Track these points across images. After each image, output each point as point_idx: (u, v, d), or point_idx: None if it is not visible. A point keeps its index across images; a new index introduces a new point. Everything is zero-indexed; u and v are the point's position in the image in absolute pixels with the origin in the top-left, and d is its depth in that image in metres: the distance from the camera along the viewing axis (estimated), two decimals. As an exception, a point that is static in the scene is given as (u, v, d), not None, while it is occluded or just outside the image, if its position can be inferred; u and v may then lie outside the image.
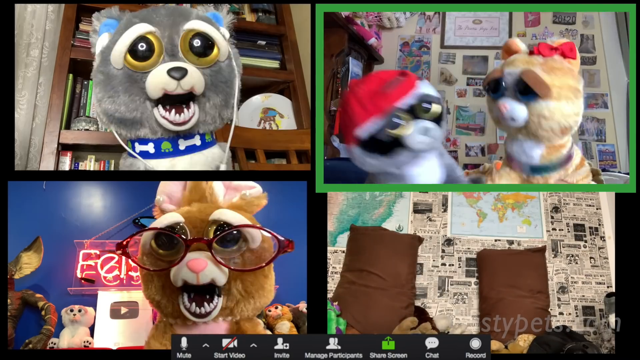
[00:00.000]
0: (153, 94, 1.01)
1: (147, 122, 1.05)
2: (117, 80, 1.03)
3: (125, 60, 1.01)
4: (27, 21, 1.92)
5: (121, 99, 1.03)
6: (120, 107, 1.03)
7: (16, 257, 1.35)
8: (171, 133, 1.07)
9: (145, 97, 1.02)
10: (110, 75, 1.03)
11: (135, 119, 1.04)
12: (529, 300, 1.47)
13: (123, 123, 1.05)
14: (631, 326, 0.95)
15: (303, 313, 1.41)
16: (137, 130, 1.06)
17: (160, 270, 0.82)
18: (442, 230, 1.73)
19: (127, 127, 1.06)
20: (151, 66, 1.01)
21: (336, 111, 1.07)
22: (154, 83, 1.00)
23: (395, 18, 2.82)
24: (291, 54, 2.27)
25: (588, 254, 1.65)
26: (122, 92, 1.02)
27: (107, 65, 1.04)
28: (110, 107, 1.04)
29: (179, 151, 1.09)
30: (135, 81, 1.02)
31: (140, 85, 1.01)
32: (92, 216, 1.51)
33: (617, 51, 2.63)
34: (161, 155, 1.09)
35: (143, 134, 1.07)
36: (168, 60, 1.02)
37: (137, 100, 1.03)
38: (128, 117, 1.04)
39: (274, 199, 1.77)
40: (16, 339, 1.24)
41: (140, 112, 1.04)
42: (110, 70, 1.03)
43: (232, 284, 0.83)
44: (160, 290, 0.84)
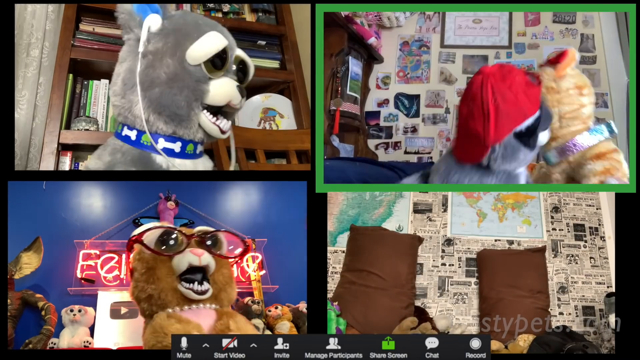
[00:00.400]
0: (217, 101, 1.09)
1: (193, 123, 1.10)
2: (187, 75, 1.06)
3: (205, 62, 1.06)
4: (27, 21, 1.92)
5: (184, 95, 1.06)
6: (181, 102, 1.06)
7: (16, 257, 1.35)
8: (201, 138, 1.15)
9: (201, 101, 1.08)
10: (185, 69, 1.06)
11: (187, 117, 1.08)
12: (529, 300, 1.47)
13: (172, 117, 1.08)
14: (631, 326, 0.95)
15: (303, 313, 1.41)
16: (181, 127, 1.10)
17: (167, 255, 1.05)
18: (442, 230, 1.73)
19: (173, 122, 1.09)
20: (216, 75, 1.09)
21: (336, 110, 1.08)
22: (224, 93, 1.09)
23: (395, 17, 2.82)
24: (291, 54, 2.27)
25: (588, 254, 1.65)
26: (188, 89, 1.06)
27: (176, 55, 1.06)
28: (168, 97, 1.06)
29: (196, 154, 1.18)
30: (201, 82, 1.07)
31: (203, 87, 1.07)
32: (92, 216, 1.51)
33: (617, 51, 2.63)
34: (185, 155, 1.14)
35: (181, 133, 1.11)
36: (228, 76, 1.12)
37: (196, 101, 1.08)
38: (182, 113, 1.07)
39: (274, 199, 1.77)
40: (16, 339, 1.24)
41: (194, 113, 1.09)
42: (184, 64, 1.06)
43: (216, 274, 1.09)
44: (159, 282, 1.03)
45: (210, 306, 1.06)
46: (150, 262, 1.05)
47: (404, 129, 2.86)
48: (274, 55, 2.30)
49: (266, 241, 1.55)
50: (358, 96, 2.54)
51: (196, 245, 1.09)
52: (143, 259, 1.06)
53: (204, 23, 1.13)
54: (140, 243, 1.06)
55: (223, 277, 1.11)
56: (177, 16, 1.14)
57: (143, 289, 1.04)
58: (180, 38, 1.07)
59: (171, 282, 1.04)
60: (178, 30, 1.08)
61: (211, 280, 1.08)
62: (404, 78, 2.90)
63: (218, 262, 1.10)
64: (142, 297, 1.04)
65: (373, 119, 2.90)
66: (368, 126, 2.86)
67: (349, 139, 2.69)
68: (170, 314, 1.01)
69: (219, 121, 1.12)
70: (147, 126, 1.09)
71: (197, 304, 1.05)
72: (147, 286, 1.04)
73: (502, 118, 1.00)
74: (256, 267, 1.50)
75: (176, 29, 1.09)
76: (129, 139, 1.13)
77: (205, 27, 1.11)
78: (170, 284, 1.04)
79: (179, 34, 1.08)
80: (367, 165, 1.64)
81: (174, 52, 1.06)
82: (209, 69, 1.07)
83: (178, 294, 1.03)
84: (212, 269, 1.08)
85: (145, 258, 1.06)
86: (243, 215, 1.59)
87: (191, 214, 1.55)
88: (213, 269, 1.08)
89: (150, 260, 1.05)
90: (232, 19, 2.31)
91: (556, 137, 1.19)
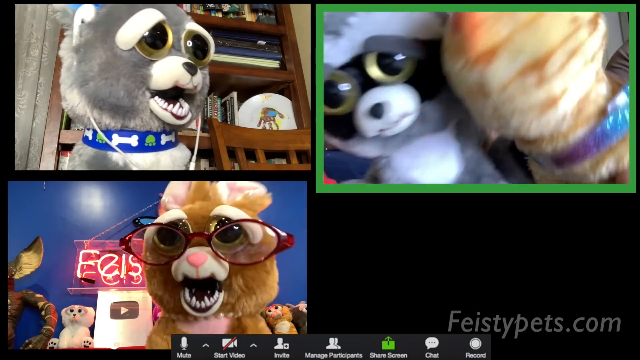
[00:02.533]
0: (162, 84, 0.95)
1: (143, 112, 0.98)
2: (122, 62, 0.94)
3: (138, 44, 0.93)
4: (27, 21, 1.93)
5: (122, 83, 0.94)
6: (119, 92, 0.94)
7: (16, 257, 1.35)
8: (160, 127, 1.02)
9: (146, 86, 0.96)
10: (117, 55, 0.94)
11: (132, 107, 0.96)
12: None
13: (115, 110, 0.96)
14: (631, 326, 0.95)
15: (303, 313, 1.41)
16: (129, 119, 0.98)
17: (161, 264, 0.83)
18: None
19: (118, 115, 0.97)
20: (159, 56, 0.95)
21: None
22: (169, 73, 0.94)
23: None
24: (291, 54, 2.27)
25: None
26: (125, 76, 0.94)
27: (107, 43, 0.94)
28: (105, 90, 0.94)
29: (161, 146, 1.04)
30: (139, 67, 0.94)
31: (143, 72, 0.95)
32: (92, 216, 1.51)
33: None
34: (145, 149, 1.02)
35: (132, 125, 0.99)
36: (175, 54, 0.98)
37: (139, 88, 0.95)
38: (125, 104, 0.95)
39: (274, 199, 1.78)
40: (16, 339, 1.24)
41: (139, 101, 0.96)
42: (115, 51, 0.94)
43: (232, 279, 0.83)
44: (162, 286, 0.85)
45: (222, 315, 0.87)
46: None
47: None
48: (274, 55, 2.30)
49: (266, 241, 1.54)
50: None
51: (206, 243, 0.81)
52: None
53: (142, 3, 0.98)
54: (127, 250, 0.86)
55: (245, 281, 0.85)
56: (110, 5, 1.00)
57: (152, 291, 0.90)
58: (110, 23, 0.95)
59: (176, 293, 0.84)
60: (109, 15, 0.96)
61: (225, 287, 0.84)
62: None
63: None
64: (154, 295, 0.89)
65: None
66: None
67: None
68: (173, 322, 0.89)
69: (172, 106, 0.98)
70: (94, 123, 0.98)
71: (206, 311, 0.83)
72: (154, 288, 0.89)
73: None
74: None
75: (107, 14, 0.96)
76: (87, 139, 1.05)
77: (139, 6, 0.96)
78: (173, 289, 0.84)
79: (110, 19, 0.95)
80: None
81: (104, 39, 0.94)
82: (146, 50, 0.94)
83: (181, 304, 0.84)
84: (224, 276, 0.82)
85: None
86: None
87: (191, 214, 1.54)
88: (225, 276, 0.82)
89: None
90: (232, 19, 2.31)
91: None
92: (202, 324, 0.87)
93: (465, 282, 1.00)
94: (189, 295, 0.81)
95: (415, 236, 1.01)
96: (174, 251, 0.82)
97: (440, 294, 1.00)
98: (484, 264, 0.99)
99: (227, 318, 0.87)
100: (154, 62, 0.95)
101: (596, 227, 1.01)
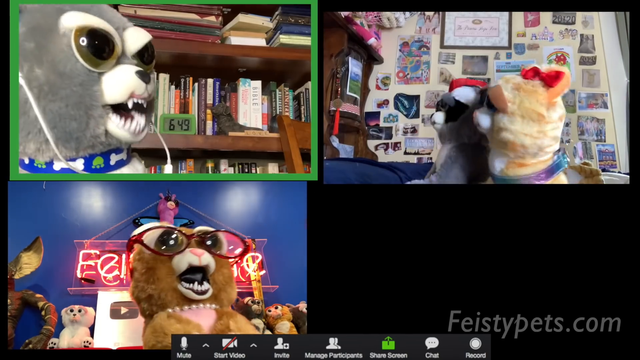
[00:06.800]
0: (117, 98, 0.83)
1: (99, 137, 0.85)
2: (66, 81, 0.80)
3: (82, 56, 0.80)
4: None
5: (71, 114, 0.81)
6: (71, 124, 0.82)
7: (16, 257, 1.35)
8: (112, 145, 0.89)
9: (99, 104, 0.83)
10: (59, 73, 0.81)
11: (86, 136, 0.84)
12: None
13: (67, 140, 0.83)
14: (631, 326, 0.95)
15: (303, 313, 1.41)
16: (85, 149, 0.86)
17: (170, 254, 1.05)
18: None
19: (71, 145, 0.84)
20: (107, 67, 0.83)
21: (336, 111, 1.06)
22: (124, 85, 0.83)
23: (395, 18, 2.83)
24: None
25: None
26: (75, 95, 0.81)
27: (45, 62, 0.80)
28: (62, 112, 0.81)
29: (110, 166, 0.93)
30: (88, 86, 0.82)
31: (92, 91, 0.82)
32: (92, 216, 1.51)
33: (617, 51, 2.63)
34: (92, 171, 0.90)
35: (85, 153, 0.88)
36: (124, 62, 0.86)
37: (92, 109, 0.83)
38: (79, 136, 0.83)
39: (274, 199, 1.77)
40: (16, 339, 1.24)
41: (97, 122, 0.83)
42: (69, 65, 0.81)
43: (215, 274, 1.10)
44: (159, 282, 1.04)
45: (210, 306, 1.07)
46: (150, 262, 1.05)
47: (404, 129, 2.86)
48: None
49: (266, 241, 1.55)
50: (358, 97, 2.54)
51: (196, 245, 1.09)
52: (143, 259, 1.07)
53: (83, 8, 0.83)
54: (140, 243, 1.06)
55: (223, 277, 1.12)
56: (34, 9, 0.83)
57: (143, 289, 1.04)
58: (39, 37, 0.80)
59: (171, 282, 1.04)
60: (36, 29, 0.81)
61: (211, 280, 1.09)
62: (403, 79, 2.91)
63: (218, 262, 1.10)
64: (142, 297, 1.04)
65: (373, 119, 2.90)
66: (368, 127, 2.86)
67: (348, 139, 2.69)
68: (170, 314, 1.01)
69: (130, 122, 0.86)
70: (60, 154, 0.84)
71: (197, 304, 1.05)
72: (147, 286, 1.04)
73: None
74: (256, 267, 1.50)
75: (34, 27, 0.81)
76: (23, 163, 0.93)
77: (66, 9, 0.81)
78: (170, 284, 1.04)
79: (38, 33, 0.80)
80: (367, 166, 1.64)
81: (39, 58, 0.81)
82: (92, 61, 0.80)
83: (178, 294, 1.04)
84: (212, 269, 1.09)
85: (145, 258, 1.06)
86: (243, 215, 1.59)
87: (191, 214, 1.55)
88: (213, 269, 1.09)
89: (150, 260, 1.06)
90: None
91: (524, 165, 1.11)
92: (194, 312, 1.04)
93: (465, 282, 1.00)
94: (188, 283, 1.04)
95: (415, 237, 1.02)
96: (174, 250, 1.06)
97: (440, 294, 1.01)
98: (484, 264, 1.00)
99: (212, 310, 1.07)
100: (102, 74, 0.82)
101: (596, 228, 1.01)
